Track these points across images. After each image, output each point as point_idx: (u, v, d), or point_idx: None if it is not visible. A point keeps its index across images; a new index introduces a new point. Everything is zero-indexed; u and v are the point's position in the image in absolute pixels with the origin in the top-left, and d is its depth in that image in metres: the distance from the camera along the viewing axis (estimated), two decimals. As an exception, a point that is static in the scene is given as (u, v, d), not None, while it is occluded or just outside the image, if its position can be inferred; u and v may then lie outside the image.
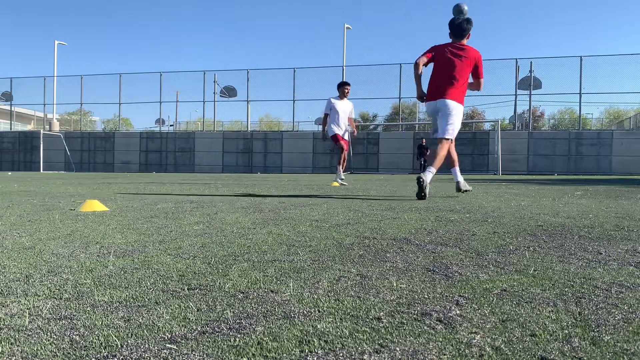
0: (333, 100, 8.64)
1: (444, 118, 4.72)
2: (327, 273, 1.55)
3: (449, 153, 4.84)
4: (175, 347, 0.94)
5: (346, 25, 29.09)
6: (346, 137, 8.82)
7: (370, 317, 1.11)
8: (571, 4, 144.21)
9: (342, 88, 8.69)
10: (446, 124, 4.72)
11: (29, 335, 1.00)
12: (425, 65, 4.84)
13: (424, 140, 21.41)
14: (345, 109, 8.72)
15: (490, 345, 0.94)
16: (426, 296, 1.29)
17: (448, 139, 4.74)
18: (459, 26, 4.72)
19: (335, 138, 8.66)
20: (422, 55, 4.82)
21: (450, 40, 4.82)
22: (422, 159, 21.38)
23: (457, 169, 4.94)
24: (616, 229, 2.56)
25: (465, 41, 4.79)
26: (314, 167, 25.36)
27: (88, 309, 1.17)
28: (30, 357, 0.89)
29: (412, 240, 2.21)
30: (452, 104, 4.70)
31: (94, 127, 37.76)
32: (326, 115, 8.65)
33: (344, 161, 8.80)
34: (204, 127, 32.26)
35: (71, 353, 0.91)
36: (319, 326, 1.05)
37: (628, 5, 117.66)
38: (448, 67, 4.70)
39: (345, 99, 8.71)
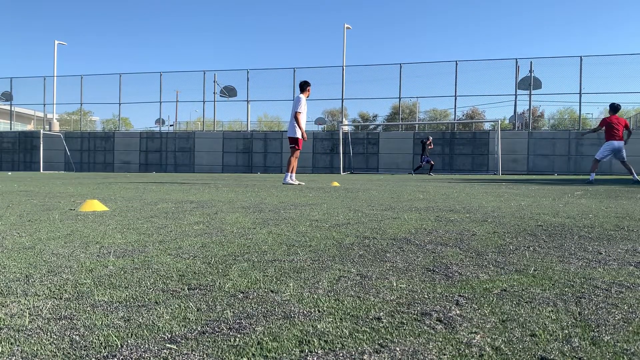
0: (304, 100, 8.42)
1: (623, 151, 9.73)
2: (327, 273, 1.55)
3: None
4: (175, 347, 0.94)
5: (346, 25, 29.06)
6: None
7: (370, 317, 1.11)
8: (571, 4, 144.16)
9: (309, 87, 8.49)
10: (624, 152, 9.89)
11: (29, 335, 1.00)
12: (598, 129, 10.26)
13: (430, 139, 20.90)
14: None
15: (490, 345, 0.94)
16: (426, 296, 1.29)
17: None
18: (616, 108, 9.84)
19: (297, 142, 8.51)
20: (599, 125, 10.04)
21: (610, 115, 9.95)
22: (424, 158, 20.87)
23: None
24: (616, 229, 2.56)
25: (617, 114, 9.88)
26: (314, 167, 25.36)
27: (88, 309, 1.17)
28: (30, 357, 0.89)
29: (412, 240, 2.21)
30: (622, 143, 9.72)
31: (93, 127, 37.72)
32: (299, 113, 8.34)
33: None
34: (204, 127, 32.23)
35: (71, 353, 0.91)
36: (319, 326, 1.05)
37: (628, 5, 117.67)
38: (615, 127, 9.67)
39: None
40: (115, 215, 3.23)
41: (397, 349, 0.92)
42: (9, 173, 19.90)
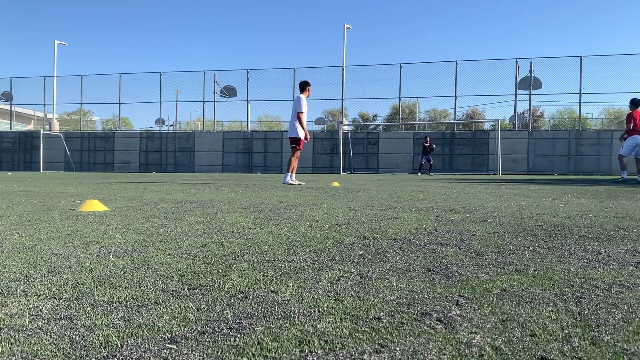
0: (305, 100, 8.42)
1: None
2: (327, 273, 1.55)
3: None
4: (175, 347, 0.94)
5: (346, 25, 29.07)
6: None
7: (370, 317, 1.11)
8: (571, 4, 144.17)
9: (309, 87, 8.51)
10: None
11: (29, 335, 1.00)
12: (629, 128, 9.96)
13: (427, 140, 20.82)
14: None
15: (490, 345, 0.94)
16: (426, 296, 1.29)
17: None
18: (637, 103, 9.71)
19: (298, 142, 8.50)
20: (627, 123, 9.97)
21: (631, 110, 9.94)
22: (424, 157, 20.74)
23: None
24: (616, 229, 2.56)
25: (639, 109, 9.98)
26: (314, 167, 25.36)
27: (88, 309, 1.17)
28: (30, 357, 0.89)
29: (412, 240, 2.21)
30: None
31: (93, 127, 37.74)
32: (301, 114, 8.36)
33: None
34: (204, 127, 32.24)
35: (71, 353, 0.91)
36: (319, 326, 1.05)
37: (628, 5, 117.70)
38: (639, 122, 9.66)
39: None
40: (115, 215, 3.23)
41: (397, 349, 0.92)
42: (9, 173, 19.90)
